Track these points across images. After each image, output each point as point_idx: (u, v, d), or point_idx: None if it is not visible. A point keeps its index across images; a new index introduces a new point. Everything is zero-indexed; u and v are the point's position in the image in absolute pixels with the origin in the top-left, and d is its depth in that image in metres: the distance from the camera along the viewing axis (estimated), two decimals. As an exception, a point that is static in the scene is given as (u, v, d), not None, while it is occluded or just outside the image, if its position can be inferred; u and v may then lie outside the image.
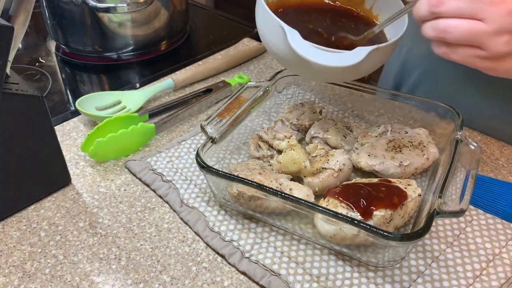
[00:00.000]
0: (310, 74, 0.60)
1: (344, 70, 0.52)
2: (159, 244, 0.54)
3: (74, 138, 0.71)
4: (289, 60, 0.55)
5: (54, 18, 0.89)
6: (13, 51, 0.52)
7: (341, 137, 0.64)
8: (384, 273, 0.50)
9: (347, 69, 0.51)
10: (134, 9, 0.84)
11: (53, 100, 0.81)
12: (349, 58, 0.51)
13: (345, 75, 0.58)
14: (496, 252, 0.52)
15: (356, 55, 0.51)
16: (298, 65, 0.56)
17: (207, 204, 0.58)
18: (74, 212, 0.58)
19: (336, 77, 0.60)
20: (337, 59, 0.50)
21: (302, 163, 0.57)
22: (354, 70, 0.54)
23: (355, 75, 0.57)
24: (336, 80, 0.66)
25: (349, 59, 0.50)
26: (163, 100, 0.80)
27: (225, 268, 0.52)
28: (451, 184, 0.51)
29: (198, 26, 1.09)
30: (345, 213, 0.49)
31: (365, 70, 0.56)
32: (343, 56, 0.51)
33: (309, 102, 0.73)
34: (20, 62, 0.92)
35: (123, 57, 0.92)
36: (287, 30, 0.51)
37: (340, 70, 0.52)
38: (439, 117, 0.64)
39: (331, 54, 0.51)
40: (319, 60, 0.50)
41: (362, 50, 0.51)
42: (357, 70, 0.55)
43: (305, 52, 0.50)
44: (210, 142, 0.57)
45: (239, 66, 0.90)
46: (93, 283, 0.50)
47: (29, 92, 0.52)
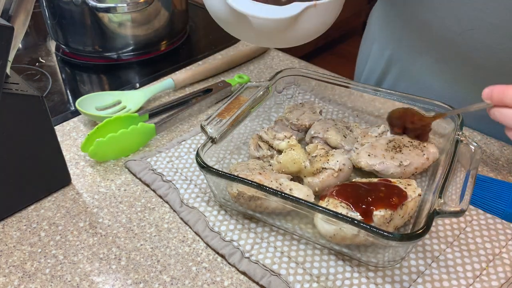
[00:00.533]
0: (251, 34, 0.58)
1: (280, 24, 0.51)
2: (159, 244, 0.54)
3: (74, 138, 0.71)
4: (228, 18, 0.55)
5: (54, 18, 0.89)
6: (13, 51, 0.52)
7: (341, 137, 0.64)
8: (384, 273, 0.50)
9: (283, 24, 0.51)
10: (134, 9, 0.84)
11: (53, 100, 0.81)
12: (284, 11, 0.51)
13: (283, 34, 0.56)
14: (496, 252, 0.52)
15: (292, 8, 0.51)
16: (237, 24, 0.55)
17: (207, 204, 0.58)
18: (74, 212, 0.58)
19: (275, 38, 0.59)
20: (272, 11, 0.51)
21: (302, 163, 0.57)
22: (291, 28, 0.54)
23: (295, 35, 0.56)
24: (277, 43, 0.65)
25: (284, 12, 0.51)
26: (163, 100, 0.80)
27: (225, 268, 0.52)
28: (451, 184, 0.51)
29: (198, 26, 1.09)
30: (345, 213, 0.49)
31: (304, 31, 0.55)
32: (278, 9, 0.51)
33: (309, 102, 0.73)
34: (20, 62, 0.92)
35: (123, 57, 0.92)
36: None
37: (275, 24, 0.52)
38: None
39: (267, 7, 0.51)
40: (253, 11, 0.50)
41: (297, 4, 0.51)
42: (295, 28, 0.54)
43: (240, 5, 0.50)
44: (210, 142, 0.57)
45: (239, 66, 0.90)
46: (93, 283, 0.50)
47: (29, 92, 0.52)
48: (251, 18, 0.51)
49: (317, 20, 0.54)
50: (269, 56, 0.93)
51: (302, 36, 0.56)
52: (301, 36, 0.56)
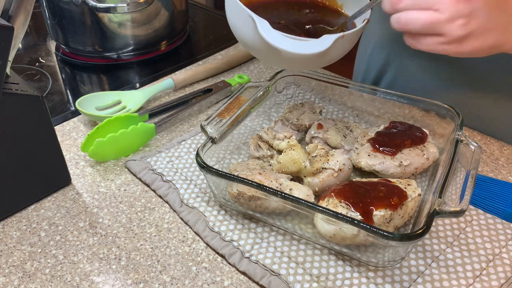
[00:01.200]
0: (281, 62, 0.62)
1: (312, 57, 0.54)
2: (159, 244, 0.54)
3: (74, 138, 0.71)
4: (260, 49, 0.57)
5: (54, 18, 0.89)
6: (13, 51, 0.52)
7: (341, 137, 0.64)
8: (384, 273, 0.50)
9: (314, 56, 0.53)
10: (134, 9, 0.84)
11: (53, 100, 0.81)
12: (316, 46, 0.53)
13: (313, 62, 0.60)
14: (496, 252, 0.52)
15: (323, 42, 0.53)
16: (268, 54, 0.58)
17: (207, 204, 0.58)
18: (74, 212, 0.58)
19: (304, 64, 0.63)
20: (305, 46, 0.53)
21: (302, 163, 0.57)
22: (321, 57, 0.57)
23: (323, 62, 0.60)
24: (305, 67, 0.69)
25: (316, 47, 0.53)
26: (163, 100, 0.80)
27: (225, 268, 0.52)
28: (451, 184, 0.51)
29: (198, 26, 1.09)
30: (345, 213, 0.49)
31: (331, 57, 0.58)
32: (310, 44, 0.53)
33: (309, 102, 0.73)
34: (20, 62, 0.92)
35: (123, 57, 0.92)
36: (257, 19, 0.53)
37: (307, 57, 0.54)
38: (439, 117, 0.64)
39: (299, 42, 0.53)
40: (287, 47, 0.52)
41: (328, 38, 0.53)
42: (324, 57, 0.57)
43: (274, 40, 0.52)
44: (210, 142, 0.57)
45: (239, 66, 0.90)
46: (93, 283, 0.50)
47: (29, 92, 0.52)
48: (285, 54, 0.53)
49: (343, 47, 0.58)
50: (269, 56, 0.93)
51: (327, 61, 0.60)
52: (327, 61, 0.60)
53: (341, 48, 0.57)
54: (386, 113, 0.69)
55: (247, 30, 0.56)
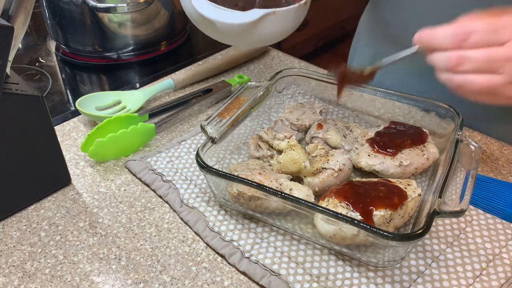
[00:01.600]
0: (215, 34, 0.65)
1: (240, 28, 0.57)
2: (159, 244, 0.54)
3: (74, 138, 0.71)
4: (196, 20, 0.61)
5: (54, 18, 0.89)
6: (13, 51, 0.52)
7: (341, 137, 0.64)
8: (384, 273, 0.50)
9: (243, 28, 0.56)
10: (134, 9, 0.84)
11: (53, 100, 0.81)
12: (242, 16, 0.56)
13: (245, 36, 0.62)
14: (496, 252, 0.52)
15: (250, 14, 0.56)
16: (203, 24, 0.61)
17: (207, 204, 0.58)
18: (74, 212, 0.58)
19: (238, 38, 0.64)
20: (232, 16, 0.56)
21: (302, 163, 0.57)
22: (251, 31, 0.59)
23: (257, 38, 0.61)
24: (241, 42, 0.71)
25: (242, 17, 0.56)
26: (163, 100, 0.80)
27: (225, 268, 0.52)
28: (451, 184, 0.51)
29: (198, 26, 1.09)
30: (345, 213, 0.49)
31: (265, 35, 0.61)
32: (238, 14, 0.56)
33: (309, 102, 0.73)
34: (20, 62, 0.92)
35: (123, 57, 0.92)
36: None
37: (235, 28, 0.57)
38: (439, 117, 0.64)
39: (227, 12, 0.57)
40: (215, 16, 0.56)
41: (257, 11, 0.56)
42: (255, 32, 0.60)
43: (203, 9, 0.56)
44: (210, 142, 0.57)
45: (239, 66, 0.90)
46: (93, 283, 0.50)
47: (29, 92, 0.52)
48: (215, 23, 0.56)
49: (277, 26, 0.60)
50: (269, 56, 0.93)
51: (263, 39, 0.63)
52: (262, 39, 0.62)
53: (274, 26, 0.59)
54: (386, 113, 0.69)
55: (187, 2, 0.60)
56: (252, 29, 0.58)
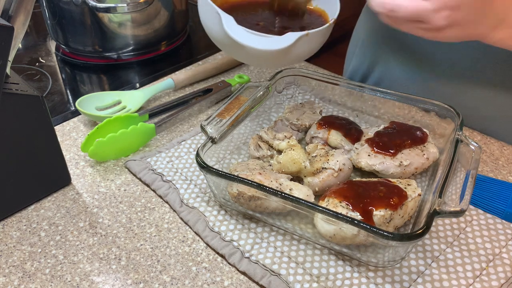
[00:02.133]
0: (246, 58, 0.64)
1: (275, 54, 0.56)
2: (159, 244, 0.54)
3: (74, 138, 0.71)
4: (226, 44, 0.59)
5: (54, 18, 0.89)
6: (13, 51, 0.52)
7: (341, 137, 0.64)
8: (384, 273, 0.50)
9: (278, 53, 0.55)
10: (134, 9, 0.84)
11: (53, 100, 0.81)
12: (278, 42, 0.55)
13: (277, 59, 0.62)
14: (496, 252, 0.52)
15: (286, 39, 0.55)
16: (234, 49, 0.60)
17: (207, 204, 0.58)
18: (74, 212, 0.58)
19: (269, 62, 0.64)
20: (267, 42, 0.55)
21: (302, 163, 0.57)
22: (284, 55, 0.58)
23: (288, 60, 0.61)
24: (271, 65, 0.71)
25: (278, 43, 0.55)
26: (163, 100, 0.80)
27: (225, 268, 0.52)
28: (451, 184, 0.51)
29: (198, 26, 1.09)
30: (345, 213, 0.49)
31: (296, 56, 0.60)
32: (273, 40, 0.55)
33: (309, 102, 0.73)
34: (20, 62, 0.92)
35: (123, 57, 0.92)
36: (222, 15, 0.55)
37: (270, 54, 0.56)
38: (439, 117, 0.64)
39: (263, 38, 0.55)
40: (250, 43, 0.54)
41: (291, 36, 0.55)
42: (288, 54, 0.58)
43: (238, 36, 0.54)
44: (210, 142, 0.57)
45: (239, 66, 0.90)
46: (93, 283, 0.50)
47: (29, 92, 0.52)
48: (249, 49, 0.55)
49: (308, 45, 0.59)
50: (269, 56, 0.93)
51: (293, 60, 0.62)
52: (292, 60, 0.62)
53: (305, 46, 0.58)
54: (386, 113, 0.69)
55: (214, 26, 0.59)
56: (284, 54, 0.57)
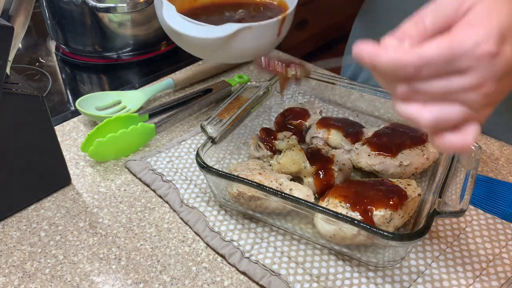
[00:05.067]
0: (187, 47, 0.61)
1: (212, 43, 0.53)
2: (159, 244, 0.54)
3: (74, 138, 0.71)
4: (169, 32, 0.58)
5: (54, 18, 0.89)
6: (13, 51, 0.52)
7: (341, 137, 0.64)
8: (384, 273, 0.50)
9: (215, 43, 0.53)
10: (134, 9, 0.84)
11: (53, 100, 0.81)
12: (215, 31, 0.52)
13: (218, 51, 0.58)
14: (496, 252, 0.52)
15: (223, 29, 0.52)
16: (176, 38, 0.58)
17: (207, 204, 0.58)
18: (74, 212, 0.58)
19: (210, 53, 0.60)
20: (204, 31, 0.53)
21: (301, 164, 0.57)
22: (225, 46, 0.55)
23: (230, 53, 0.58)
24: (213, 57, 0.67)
25: (214, 32, 0.52)
26: (163, 100, 0.80)
27: (225, 268, 0.52)
28: (451, 184, 0.51)
29: (198, 26, 1.09)
30: (345, 213, 0.49)
31: (240, 50, 0.57)
32: (210, 29, 0.53)
33: (309, 102, 0.73)
34: (20, 62, 0.92)
35: (123, 57, 0.92)
36: (165, 3, 0.54)
37: (207, 43, 0.53)
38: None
39: (199, 27, 0.53)
40: (186, 31, 0.52)
41: (230, 26, 0.52)
42: (229, 47, 0.55)
43: (176, 24, 0.53)
44: (210, 142, 0.57)
45: (239, 66, 0.90)
46: (93, 283, 0.50)
47: (29, 92, 0.52)
48: (186, 38, 0.53)
49: (253, 42, 0.56)
50: (269, 56, 0.93)
51: (237, 55, 0.58)
52: (236, 55, 0.58)
53: (249, 40, 0.55)
54: (386, 113, 0.69)
55: (159, 14, 0.57)
56: (225, 44, 0.53)
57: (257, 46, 0.57)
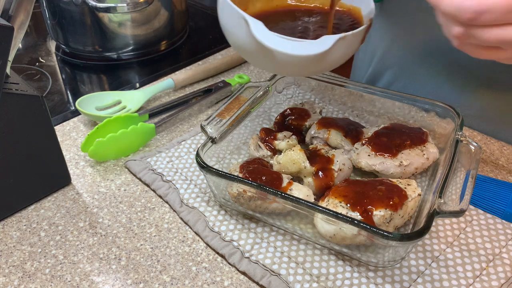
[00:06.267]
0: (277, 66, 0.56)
1: (311, 60, 0.50)
2: (159, 244, 0.54)
3: (74, 138, 0.71)
4: (254, 51, 0.53)
5: (54, 18, 0.89)
6: (13, 51, 0.52)
7: (341, 137, 0.64)
8: (384, 273, 0.50)
9: (314, 59, 0.49)
10: (134, 9, 0.84)
11: (53, 100, 0.81)
12: (314, 47, 0.49)
13: (312, 66, 0.55)
14: (496, 252, 0.52)
15: (323, 43, 0.49)
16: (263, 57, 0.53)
17: (207, 204, 0.58)
18: (74, 212, 0.58)
19: (302, 69, 0.57)
20: (303, 47, 0.49)
21: (301, 164, 0.57)
22: (321, 60, 0.52)
23: (323, 66, 0.55)
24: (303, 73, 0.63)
25: (314, 48, 0.49)
26: (163, 100, 0.80)
27: (225, 268, 0.52)
28: (451, 184, 0.51)
29: (198, 26, 1.09)
30: (345, 213, 0.49)
31: (333, 61, 0.54)
32: (309, 45, 0.49)
33: (309, 102, 0.73)
34: (20, 62, 0.92)
35: (123, 57, 0.92)
36: (250, 20, 0.49)
37: (306, 60, 0.50)
38: (439, 117, 0.64)
39: (297, 43, 0.49)
40: (283, 48, 0.48)
41: (328, 39, 0.49)
42: (325, 60, 0.52)
43: (269, 41, 0.48)
44: (210, 142, 0.57)
45: (239, 66, 0.90)
46: (93, 283, 0.50)
47: (29, 92, 0.52)
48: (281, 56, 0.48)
49: (345, 49, 0.53)
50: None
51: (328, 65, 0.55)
52: (327, 65, 0.55)
53: (342, 50, 0.53)
54: (386, 113, 0.69)
55: (239, 32, 0.52)
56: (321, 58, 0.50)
57: (345, 55, 0.54)
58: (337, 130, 0.64)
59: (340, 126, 0.64)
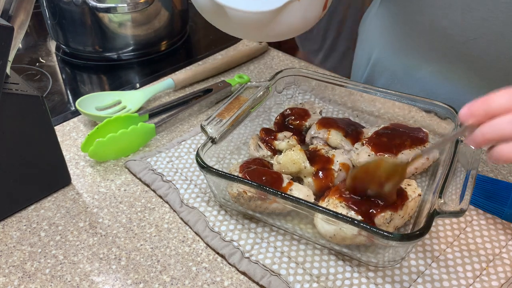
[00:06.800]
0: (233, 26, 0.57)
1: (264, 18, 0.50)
2: (159, 244, 0.54)
3: (74, 138, 0.71)
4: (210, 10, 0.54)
5: (54, 18, 0.89)
6: (13, 51, 0.52)
7: (341, 137, 0.64)
8: (384, 273, 0.50)
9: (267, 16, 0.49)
10: (134, 9, 0.84)
11: (53, 100, 0.81)
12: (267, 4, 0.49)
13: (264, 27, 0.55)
14: (496, 252, 0.52)
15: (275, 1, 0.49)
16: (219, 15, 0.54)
17: (207, 204, 0.58)
18: (74, 212, 0.58)
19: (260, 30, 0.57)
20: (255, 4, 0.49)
21: (301, 164, 0.57)
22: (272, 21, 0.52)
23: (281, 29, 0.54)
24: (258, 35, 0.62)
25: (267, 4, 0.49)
26: (163, 100, 0.80)
27: (225, 268, 0.52)
28: (451, 184, 0.51)
29: (198, 26, 1.09)
30: (345, 213, 0.49)
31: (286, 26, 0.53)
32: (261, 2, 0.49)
33: (309, 102, 0.73)
34: (20, 62, 0.92)
35: (123, 57, 0.92)
36: None
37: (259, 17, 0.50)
38: (439, 117, 0.64)
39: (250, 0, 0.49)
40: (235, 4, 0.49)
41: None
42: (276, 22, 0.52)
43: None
44: (210, 142, 0.57)
45: (239, 66, 0.90)
46: (93, 283, 0.50)
47: (29, 92, 0.52)
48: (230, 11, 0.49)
49: (301, 14, 0.52)
50: (269, 56, 0.93)
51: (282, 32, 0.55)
52: (283, 31, 0.54)
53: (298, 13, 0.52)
54: (386, 113, 0.69)
55: None
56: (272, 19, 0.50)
57: (303, 21, 0.54)
58: (337, 130, 0.64)
59: (340, 126, 0.64)
